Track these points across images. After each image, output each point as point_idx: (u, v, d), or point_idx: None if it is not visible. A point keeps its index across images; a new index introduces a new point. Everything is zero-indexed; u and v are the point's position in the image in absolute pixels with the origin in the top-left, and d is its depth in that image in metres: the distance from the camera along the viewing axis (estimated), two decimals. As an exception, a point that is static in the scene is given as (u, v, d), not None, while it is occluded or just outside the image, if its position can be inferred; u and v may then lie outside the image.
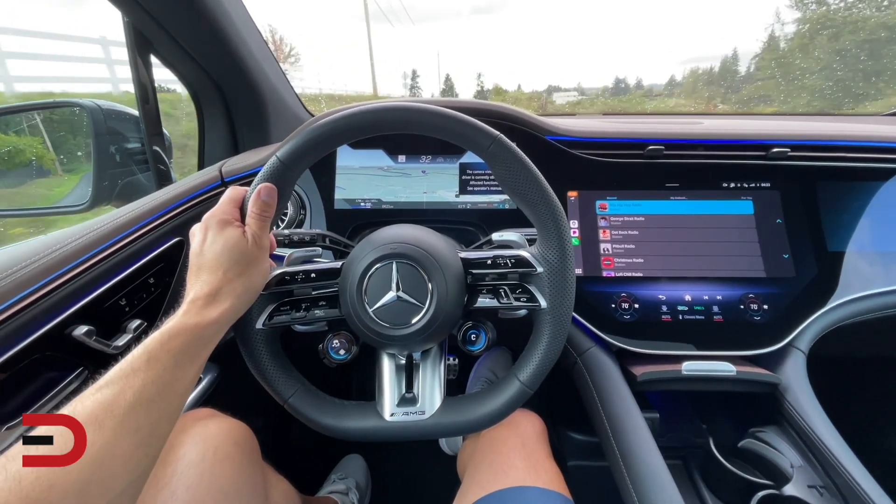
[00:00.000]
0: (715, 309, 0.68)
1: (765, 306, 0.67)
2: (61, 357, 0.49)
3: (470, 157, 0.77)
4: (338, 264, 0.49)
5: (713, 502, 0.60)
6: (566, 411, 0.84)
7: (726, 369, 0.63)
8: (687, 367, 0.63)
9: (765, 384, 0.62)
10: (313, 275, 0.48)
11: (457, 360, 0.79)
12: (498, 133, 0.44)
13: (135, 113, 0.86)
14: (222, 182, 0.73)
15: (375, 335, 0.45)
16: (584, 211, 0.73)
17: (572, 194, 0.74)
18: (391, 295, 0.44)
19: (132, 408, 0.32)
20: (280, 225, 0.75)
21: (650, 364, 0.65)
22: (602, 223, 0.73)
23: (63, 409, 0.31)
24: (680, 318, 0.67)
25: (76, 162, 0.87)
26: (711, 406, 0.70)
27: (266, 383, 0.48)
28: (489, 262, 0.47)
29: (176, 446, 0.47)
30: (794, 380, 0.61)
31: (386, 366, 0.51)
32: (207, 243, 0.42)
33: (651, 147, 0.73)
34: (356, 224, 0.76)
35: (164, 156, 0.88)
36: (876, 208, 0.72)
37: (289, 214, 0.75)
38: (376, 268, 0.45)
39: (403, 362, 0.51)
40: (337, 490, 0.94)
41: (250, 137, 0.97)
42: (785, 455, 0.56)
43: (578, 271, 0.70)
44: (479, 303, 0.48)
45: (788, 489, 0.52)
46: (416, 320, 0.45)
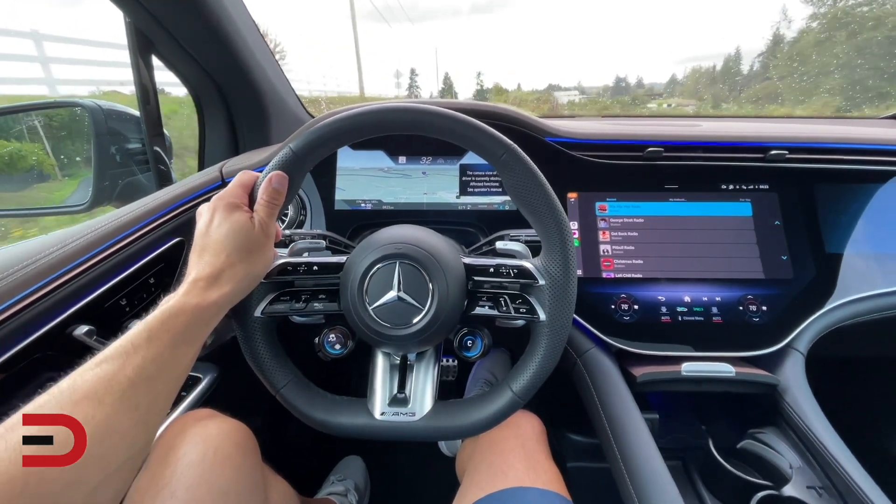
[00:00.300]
0: (714, 310, 0.68)
1: (763, 307, 0.67)
2: (62, 357, 0.49)
3: (470, 159, 0.77)
4: (341, 259, 0.49)
5: (712, 503, 0.60)
6: (566, 412, 0.84)
7: (725, 370, 0.63)
8: (686, 368, 0.63)
9: (764, 385, 0.62)
10: (315, 267, 0.48)
11: (456, 362, 0.79)
12: (511, 143, 0.45)
13: (136, 113, 0.86)
14: (223, 183, 0.73)
15: (373, 333, 0.46)
16: (584, 212, 0.73)
17: (572, 196, 0.74)
18: (392, 295, 0.45)
19: (132, 384, 0.32)
20: (280, 225, 0.75)
21: (650, 365, 0.65)
22: (602, 224, 0.73)
23: (62, 383, 0.31)
24: (679, 320, 0.68)
25: (75, 167, 0.89)
26: (711, 407, 0.70)
27: (260, 371, 0.48)
28: (491, 270, 0.47)
29: (176, 447, 0.47)
30: (793, 381, 0.61)
31: (380, 364, 0.51)
32: (214, 225, 0.42)
33: (650, 149, 0.73)
34: (356, 225, 0.76)
35: (165, 156, 0.89)
36: (873, 210, 0.72)
37: (289, 215, 0.75)
38: (379, 266, 0.45)
39: (398, 362, 0.51)
40: (336, 491, 0.94)
41: (251, 138, 0.97)
42: (784, 456, 0.56)
43: (578, 272, 0.70)
44: (478, 310, 0.48)
45: (787, 490, 0.52)
46: (415, 322, 0.45)
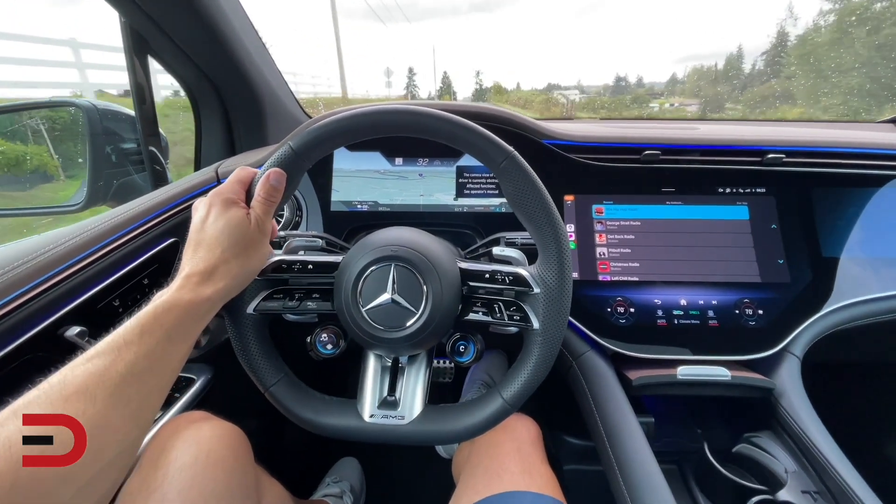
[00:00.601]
0: (710, 313, 0.68)
1: (760, 311, 0.67)
2: (53, 358, 0.48)
3: (467, 161, 0.77)
4: (337, 259, 0.49)
5: (707, 507, 0.60)
6: (562, 415, 0.84)
7: (721, 374, 0.63)
8: (682, 372, 0.63)
9: (759, 389, 0.62)
10: (310, 266, 0.48)
11: (452, 364, 0.79)
12: (512, 150, 0.44)
13: (131, 113, 0.86)
14: (219, 183, 0.73)
15: (365, 335, 0.45)
16: (581, 215, 0.73)
17: (569, 198, 0.74)
18: (385, 297, 0.44)
19: (124, 380, 0.32)
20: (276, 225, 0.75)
21: (645, 368, 0.65)
22: (598, 227, 0.73)
23: (53, 378, 0.31)
24: (675, 323, 0.68)
25: (77, 168, 0.93)
26: (706, 411, 0.70)
27: (250, 369, 0.47)
28: (487, 276, 0.47)
29: (168, 449, 0.47)
30: (789, 385, 0.61)
31: (371, 366, 0.51)
32: (210, 220, 0.42)
33: (647, 152, 0.73)
34: (352, 226, 0.76)
35: (161, 156, 0.88)
36: (870, 215, 0.72)
37: (285, 216, 0.74)
38: (374, 268, 0.45)
39: (389, 364, 0.51)
40: (331, 493, 0.93)
41: (247, 139, 0.97)
42: (779, 460, 0.56)
43: (574, 275, 0.70)
44: (472, 316, 0.48)
45: (782, 494, 0.52)
46: (408, 325, 0.45)
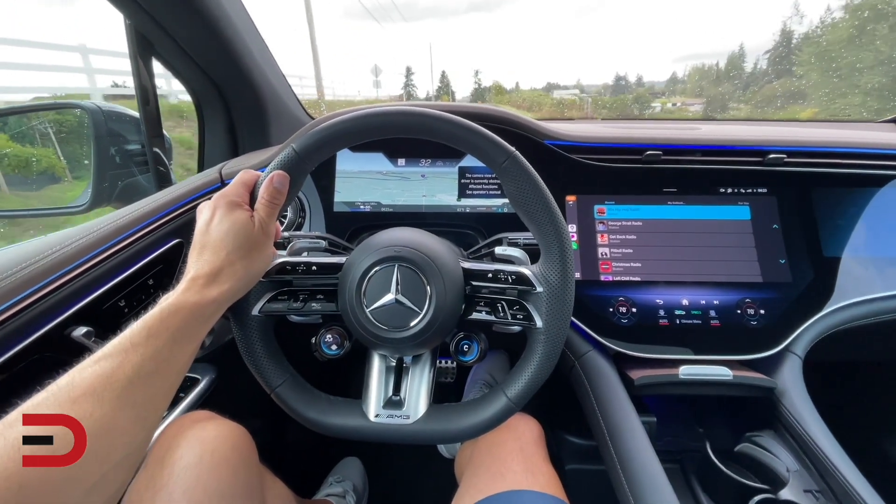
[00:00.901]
0: (712, 313, 0.68)
1: (761, 311, 0.67)
2: (60, 358, 0.49)
3: (469, 161, 0.77)
4: (340, 260, 0.49)
5: (709, 506, 0.60)
6: (564, 415, 0.84)
7: (723, 374, 0.63)
8: (684, 372, 0.63)
9: (761, 388, 0.62)
10: (314, 267, 0.48)
11: (455, 364, 0.79)
12: (513, 150, 0.45)
13: (135, 115, 0.86)
14: (222, 184, 0.73)
15: (369, 335, 0.46)
16: (583, 215, 0.74)
17: (571, 199, 0.74)
18: (389, 297, 0.45)
19: (131, 382, 0.32)
20: (279, 226, 0.75)
21: (647, 368, 0.65)
22: (600, 227, 0.73)
23: (61, 380, 0.31)
24: (677, 323, 0.68)
25: (83, 169, 0.95)
26: (708, 410, 0.70)
27: (256, 371, 0.48)
28: (490, 276, 0.47)
29: (173, 448, 0.47)
30: (791, 384, 0.61)
31: (376, 366, 0.51)
32: (214, 223, 0.42)
33: (649, 152, 0.73)
34: (355, 227, 0.76)
35: (165, 157, 0.89)
36: (871, 214, 0.72)
37: (288, 217, 0.75)
38: (378, 268, 0.46)
39: (394, 364, 0.51)
40: (334, 493, 0.94)
41: (250, 140, 0.98)
42: (781, 459, 0.56)
43: (577, 275, 0.70)
44: (475, 315, 0.48)
45: (784, 493, 0.52)
46: (412, 325, 0.45)
